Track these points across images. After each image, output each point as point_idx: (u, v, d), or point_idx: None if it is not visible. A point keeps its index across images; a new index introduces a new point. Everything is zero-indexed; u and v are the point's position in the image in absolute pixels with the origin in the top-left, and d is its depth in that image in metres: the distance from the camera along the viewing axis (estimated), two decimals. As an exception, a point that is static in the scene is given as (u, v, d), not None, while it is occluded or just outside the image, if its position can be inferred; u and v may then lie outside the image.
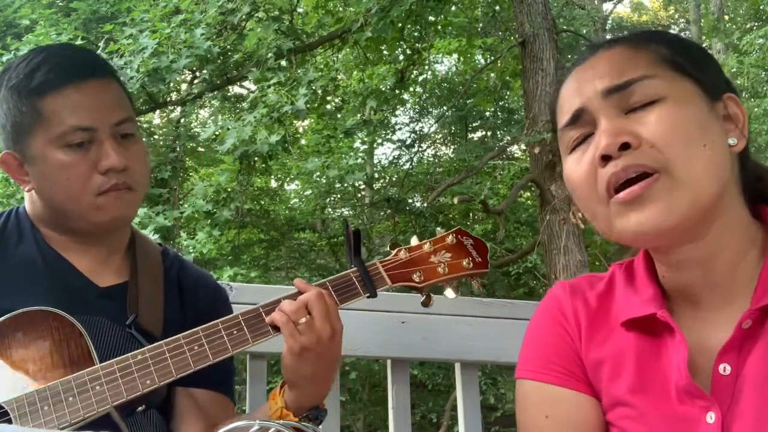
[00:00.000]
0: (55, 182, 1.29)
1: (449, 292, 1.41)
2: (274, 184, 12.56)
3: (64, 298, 1.27)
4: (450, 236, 1.41)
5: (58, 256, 1.35)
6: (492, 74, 10.84)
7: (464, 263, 1.39)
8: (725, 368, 0.95)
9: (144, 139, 1.42)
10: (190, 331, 1.24)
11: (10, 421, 1.11)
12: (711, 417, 0.93)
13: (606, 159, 0.96)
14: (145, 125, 10.46)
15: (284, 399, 1.28)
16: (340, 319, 1.28)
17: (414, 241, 1.43)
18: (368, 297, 1.32)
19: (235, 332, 1.25)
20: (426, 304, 1.39)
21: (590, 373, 1.07)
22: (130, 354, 1.20)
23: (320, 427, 1.54)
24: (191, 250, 7.40)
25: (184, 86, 9.23)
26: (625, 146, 0.94)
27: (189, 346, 1.22)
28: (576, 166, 1.01)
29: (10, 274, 1.30)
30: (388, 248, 1.41)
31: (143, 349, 1.21)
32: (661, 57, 0.99)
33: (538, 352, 1.12)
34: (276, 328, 1.26)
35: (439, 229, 1.45)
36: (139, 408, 1.27)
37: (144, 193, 1.40)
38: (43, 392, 1.14)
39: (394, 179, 12.63)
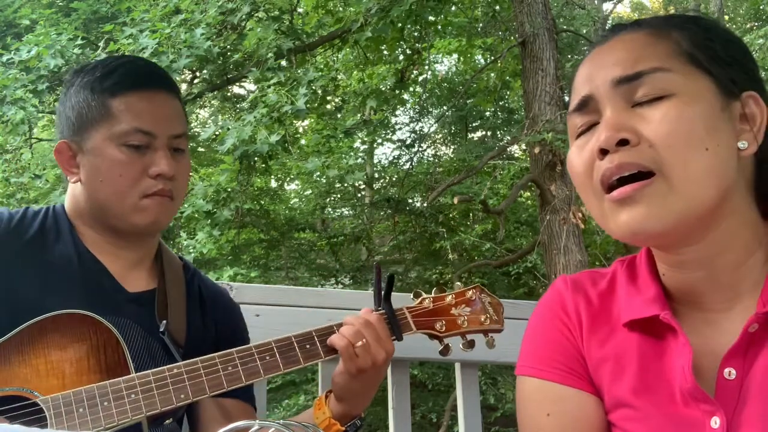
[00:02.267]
0: (105, 177, 1.35)
1: (463, 346, 1.49)
2: (274, 184, 12.56)
3: (95, 299, 1.31)
4: (470, 291, 1.51)
5: (92, 257, 1.39)
6: (492, 74, 10.83)
7: (482, 319, 1.49)
8: (730, 372, 0.92)
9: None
10: (224, 351, 1.28)
11: (45, 419, 1.14)
12: (716, 422, 0.91)
13: (604, 152, 0.93)
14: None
15: (331, 409, 1.38)
16: (391, 341, 1.38)
17: (434, 291, 1.52)
18: (394, 340, 1.40)
19: (267, 358, 1.30)
20: (444, 354, 1.48)
21: (592, 371, 1.05)
22: (166, 367, 1.24)
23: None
24: (191, 250, 7.40)
25: (184, 86, 9.24)
26: (623, 142, 0.92)
27: (223, 365, 1.26)
28: (578, 154, 0.99)
29: (47, 271, 1.33)
30: (412, 296, 1.51)
31: (179, 363, 1.25)
32: (680, 49, 0.95)
33: (540, 348, 1.09)
34: (331, 351, 1.34)
35: (458, 283, 1.52)
36: (167, 421, 1.31)
37: (181, 204, 1.47)
38: (79, 394, 1.16)
39: (394, 179, 12.62)
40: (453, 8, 9.02)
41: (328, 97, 9.22)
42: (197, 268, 1.59)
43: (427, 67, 9.77)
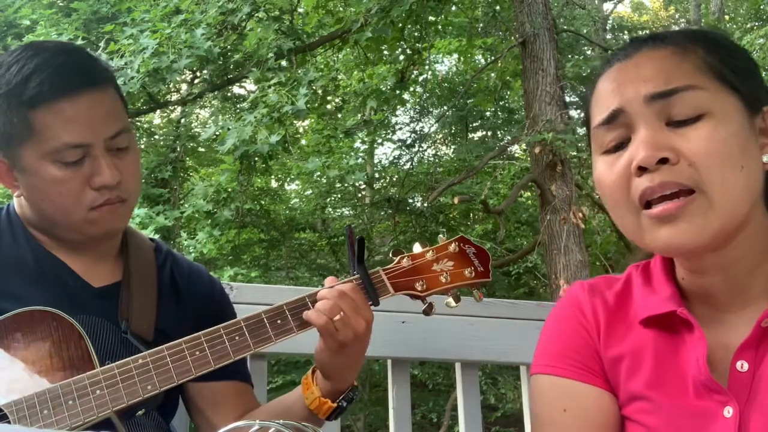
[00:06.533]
0: (46, 195, 1.26)
1: (450, 301, 1.40)
2: (274, 184, 12.57)
3: (60, 297, 1.26)
4: (452, 244, 1.41)
5: (51, 256, 1.32)
6: (492, 74, 10.84)
7: (466, 272, 1.38)
8: (743, 365, 0.96)
9: (144, 139, 1.42)
10: (191, 335, 1.22)
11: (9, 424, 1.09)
12: (728, 411, 0.94)
13: (642, 170, 0.95)
14: (145, 125, 10.45)
15: (319, 388, 1.31)
16: (370, 308, 1.29)
17: (416, 247, 1.42)
18: (371, 305, 1.32)
19: (237, 338, 1.23)
20: (428, 312, 1.38)
21: (608, 370, 1.08)
22: (131, 358, 1.18)
23: (321, 428, 1.55)
24: (191, 250, 7.41)
25: (184, 86, 9.26)
26: (663, 161, 0.94)
27: (190, 351, 1.21)
28: (608, 170, 0.99)
29: (1, 273, 1.27)
30: (390, 255, 1.41)
31: (144, 353, 1.19)
32: (707, 65, 0.98)
33: (556, 347, 1.12)
34: (304, 325, 1.26)
35: (441, 235, 1.43)
36: (139, 412, 1.27)
37: (137, 199, 1.37)
38: (42, 395, 1.12)
39: (394, 179, 12.63)
40: (453, 8, 9.03)
41: (329, 97, 9.23)
42: (171, 249, 1.51)
43: (427, 67, 9.78)
